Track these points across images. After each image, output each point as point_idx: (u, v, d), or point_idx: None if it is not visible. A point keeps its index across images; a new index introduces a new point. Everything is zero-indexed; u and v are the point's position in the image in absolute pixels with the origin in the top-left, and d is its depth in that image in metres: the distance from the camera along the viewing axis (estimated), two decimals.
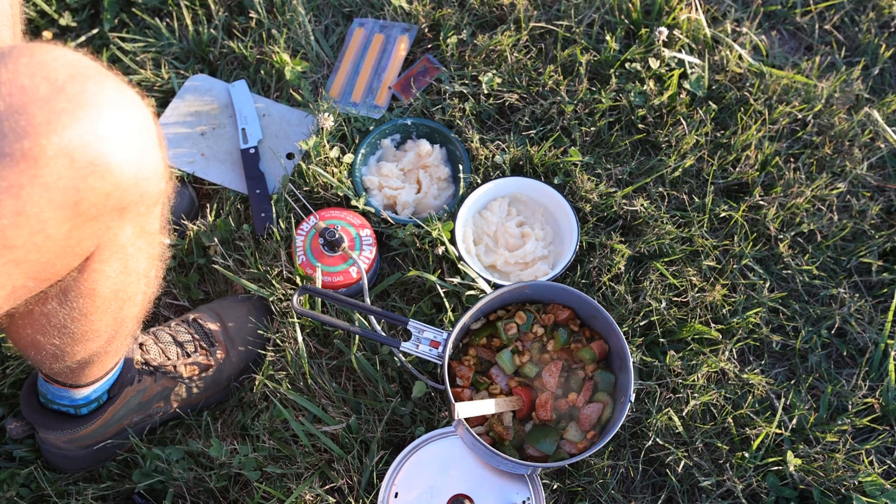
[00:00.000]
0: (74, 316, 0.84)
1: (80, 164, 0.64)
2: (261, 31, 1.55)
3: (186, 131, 1.46)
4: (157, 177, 0.74)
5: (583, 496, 1.17)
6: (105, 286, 0.83)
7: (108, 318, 0.88)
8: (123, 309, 0.90)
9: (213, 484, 1.16)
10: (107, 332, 0.91)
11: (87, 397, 1.07)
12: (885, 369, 1.26)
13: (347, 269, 1.26)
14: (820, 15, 1.63)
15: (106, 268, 0.81)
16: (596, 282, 1.31)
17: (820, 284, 1.34)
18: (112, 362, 1.04)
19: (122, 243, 0.80)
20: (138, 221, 0.79)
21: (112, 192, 0.68)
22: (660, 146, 1.44)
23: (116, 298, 0.86)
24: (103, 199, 0.68)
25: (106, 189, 0.67)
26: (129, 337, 1.00)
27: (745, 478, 1.17)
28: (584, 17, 1.55)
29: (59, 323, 0.84)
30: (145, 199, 0.74)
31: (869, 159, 1.45)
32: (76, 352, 0.91)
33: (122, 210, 0.72)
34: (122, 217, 0.73)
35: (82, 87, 0.64)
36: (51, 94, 0.62)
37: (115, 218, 0.72)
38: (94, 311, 0.85)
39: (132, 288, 0.88)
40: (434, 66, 1.50)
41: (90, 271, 0.79)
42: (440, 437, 1.14)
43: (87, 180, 0.65)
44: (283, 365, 1.23)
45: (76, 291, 0.81)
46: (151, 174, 0.72)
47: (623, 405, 1.08)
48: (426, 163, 1.41)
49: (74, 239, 0.69)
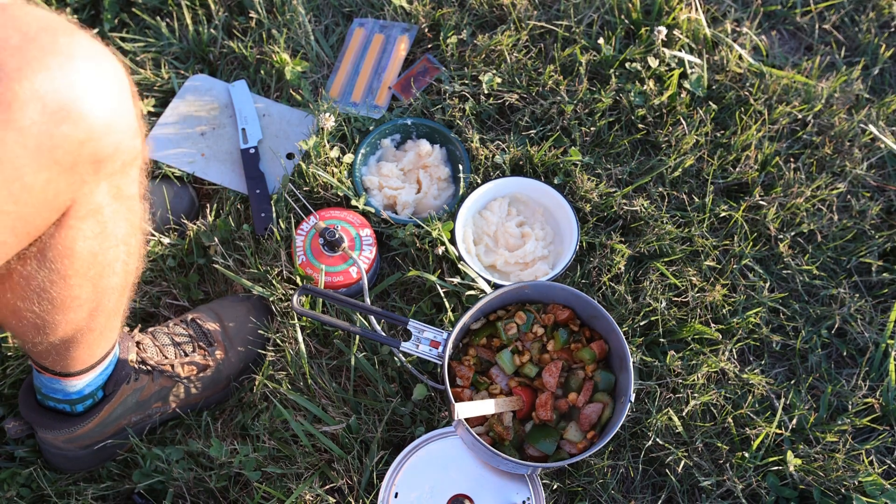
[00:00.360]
0: (53, 279, 0.84)
1: (52, 108, 0.66)
2: (261, 31, 1.55)
3: (186, 131, 1.46)
4: (131, 130, 0.76)
5: (583, 496, 1.17)
6: (83, 246, 0.83)
7: (87, 284, 0.88)
8: (103, 277, 0.89)
9: (213, 484, 1.16)
10: (87, 302, 0.90)
11: (80, 391, 1.06)
12: (885, 369, 1.26)
13: (347, 269, 1.26)
14: (820, 15, 1.63)
15: (83, 226, 0.81)
16: (596, 282, 1.31)
17: (820, 284, 1.34)
18: (99, 347, 1.02)
19: (98, 202, 0.81)
20: (114, 181, 0.80)
21: (86, 140, 0.69)
22: (660, 146, 1.44)
23: (95, 263, 0.86)
24: (77, 148, 0.69)
25: (80, 137, 0.69)
26: (114, 316, 0.98)
27: (745, 478, 1.17)
28: (584, 17, 1.55)
29: (38, 286, 0.84)
30: (120, 153, 0.75)
31: (869, 159, 1.45)
32: (57, 322, 0.90)
33: (97, 163, 0.73)
34: (97, 171, 0.74)
35: (53, 38, 0.66)
36: (22, 43, 0.64)
37: (90, 171, 0.74)
38: (72, 273, 0.85)
39: (111, 254, 0.88)
40: (434, 66, 1.51)
41: (67, 228, 0.80)
42: (440, 437, 1.14)
43: (61, 126, 0.67)
44: (283, 365, 1.23)
45: (54, 251, 0.81)
46: (125, 127, 0.74)
47: (623, 405, 1.08)
48: (426, 163, 1.41)
49: (52, 191, 0.71)
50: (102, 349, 1.03)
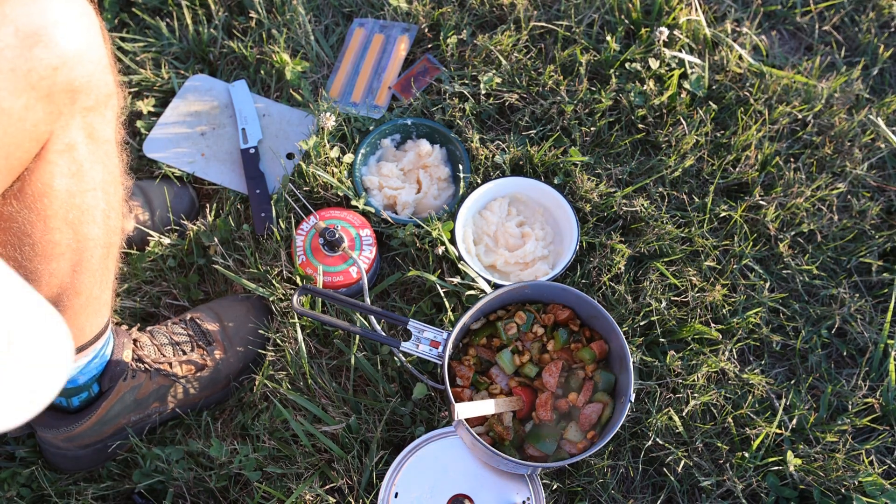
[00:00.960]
0: (33, 219, 0.85)
1: (25, 32, 0.69)
2: (261, 31, 1.55)
3: (186, 131, 1.46)
4: (102, 64, 0.80)
5: (583, 496, 1.17)
6: (60, 183, 0.85)
7: (67, 229, 0.89)
8: (83, 223, 0.90)
9: (213, 484, 1.16)
10: (69, 251, 0.90)
11: (74, 379, 1.05)
12: (885, 369, 1.26)
13: (347, 269, 1.26)
14: (820, 15, 1.63)
15: (59, 161, 0.83)
16: (596, 282, 1.31)
17: (820, 284, 1.34)
18: (87, 319, 1.00)
19: (73, 138, 0.83)
20: (88, 118, 0.83)
21: (59, 66, 0.73)
22: (660, 146, 1.44)
23: (73, 205, 0.88)
24: (52, 73, 0.73)
25: (52, 62, 0.72)
26: (100, 282, 0.97)
27: (745, 478, 1.17)
28: (584, 17, 1.55)
29: (18, 229, 0.86)
30: (93, 86, 0.79)
31: (869, 159, 1.45)
32: (40, 272, 0.90)
33: (72, 92, 0.77)
34: (72, 102, 0.78)
35: None
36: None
37: (66, 102, 0.77)
38: (52, 214, 0.86)
39: (89, 198, 0.89)
40: (434, 66, 1.51)
41: (44, 162, 0.82)
42: (440, 437, 1.14)
43: (34, 50, 0.70)
44: (283, 365, 1.23)
45: (32, 187, 0.83)
46: (96, 59, 0.78)
47: (623, 405, 1.08)
48: (426, 163, 1.41)
49: (30, 119, 0.74)
50: (91, 324, 1.01)
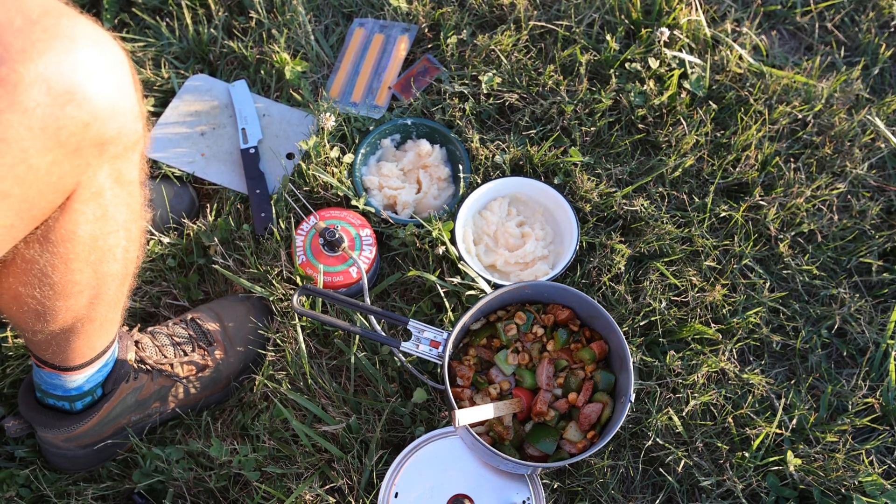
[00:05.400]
0: (55, 263, 0.84)
1: (57, 91, 0.66)
2: (261, 31, 1.55)
3: (186, 131, 1.46)
4: (133, 114, 0.76)
5: (583, 496, 1.17)
6: (85, 230, 0.84)
7: (88, 269, 0.88)
8: (104, 262, 0.90)
9: (213, 484, 1.16)
10: (88, 288, 0.91)
11: (80, 387, 1.06)
12: (885, 369, 1.26)
13: (347, 269, 1.26)
14: (820, 15, 1.63)
15: (85, 209, 0.82)
16: (596, 282, 1.31)
17: (820, 284, 1.34)
18: (99, 339, 1.02)
19: (100, 185, 0.81)
20: (116, 165, 0.81)
21: (91, 122, 0.70)
22: (660, 146, 1.44)
23: (96, 247, 0.87)
24: (82, 130, 0.70)
25: (84, 118, 0.69)
26: (114, 307, 0.98)
27: (745, 478, 1.17)
28: (584, 17, 1.55)
29: (39, 270, 0.85)
30: (123, 136, 0.76)
31: (869, 159, 1.45)
32: (58, 308, 0.90)
33: (101, 145, 0.74)
34: (101, 154, 0.75)
35: (56, 21, 0.67)
36: (25, 25, 0.65)
37: (94, 154, 0.74)
38: (73, 257, 0.85)
39: (111, 239, 0.89)
40: (434, 66, 1.50)
41: (70, 212, 0.81)
42: (440, 437, 1.14)
43: (65, 108, 0.67)
44: (283, 365, 1.23)
45: (56, 234, 0.82)
46: (128, 110, 0.75)
47: (623, 405, 1.08)
48: (426, 163, 1.41)
49: (56, 173, 0.71)
50: (102, 342, 1.03)
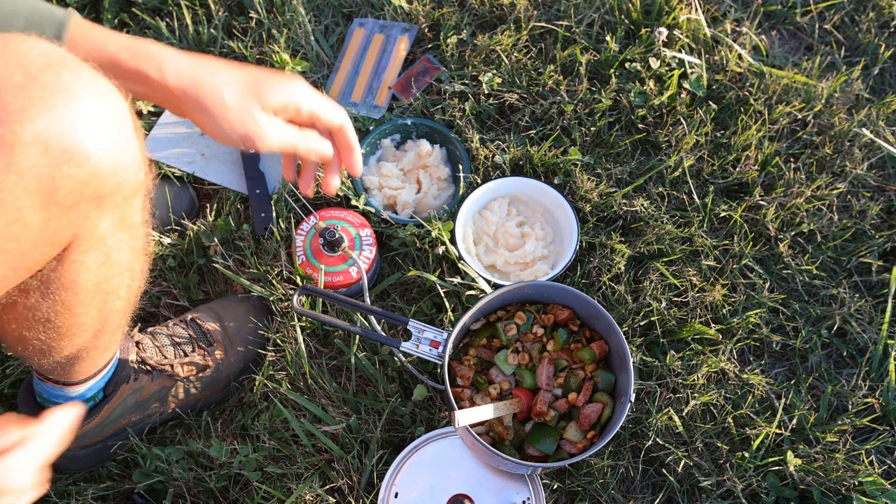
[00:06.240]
0: (58, 309, 0.83)
1: (54, 151, 0.64)
2: (261, 31, 1.55)
3: (186, 131, 1.46)
4: (134, 166, 0.74)
5: (583, 496, 1.17)
6: (87, 278, 0.82)
7: (92, 311, 0.87)
8: (108, 302, 0.89)
9: (213, 484, 1.16)
10: (93, 326, 0.90)
11: (82, 395, 1.06)
12: (885, 369, 1.26)
13: (347, 269, 1.26)
14: (820, 15, 1.63)
15: (86, 259, 0.80)
16: (596, 282, 1.31)
17: (820, 284, 1.34)
18: (102, 358, 1.02)
19: (101, 234, 0.79)
20: (117, 213, 0.79)
21: (89, 180, 0.68)
22: (660, 146, 1.44)
23: (99, 291, 0.85)
24: (80, 188, 0.68)
25: (82, 177, 0.67)
26: (118, 332, 0.98)
27: (745, 478, 1.17)
28: (584, 17, 1.55)
29: (42, 317, 0.83)
30: (123, 189, 0.73)
31: (869, 159, 1.45)
32: (63, 346, 0.90)
33: (99, 199, 0.71)
34: (100, 207, 0.73)
35: (57, 76, 0.64)
36: (25, 81, 0.62)
37: (92, 208, 0.72)
38: (77, 303, 0.84)
39: (115, 281, 0.87)
40: (434, 66, 1.50)
41: (70, 262, 0.79)
42: (440, 437, 1.14)
43: (63, 168, 0.65)
44: (283, 365, 1.23)
45: (57, 284, 0.80)
46: (129, 163, 0.72)
47: (623, 405, 1.08)
48: (426, 163, 1.41)
49: (51, 229, 0.69)
50: (105, 360, 1.04)
